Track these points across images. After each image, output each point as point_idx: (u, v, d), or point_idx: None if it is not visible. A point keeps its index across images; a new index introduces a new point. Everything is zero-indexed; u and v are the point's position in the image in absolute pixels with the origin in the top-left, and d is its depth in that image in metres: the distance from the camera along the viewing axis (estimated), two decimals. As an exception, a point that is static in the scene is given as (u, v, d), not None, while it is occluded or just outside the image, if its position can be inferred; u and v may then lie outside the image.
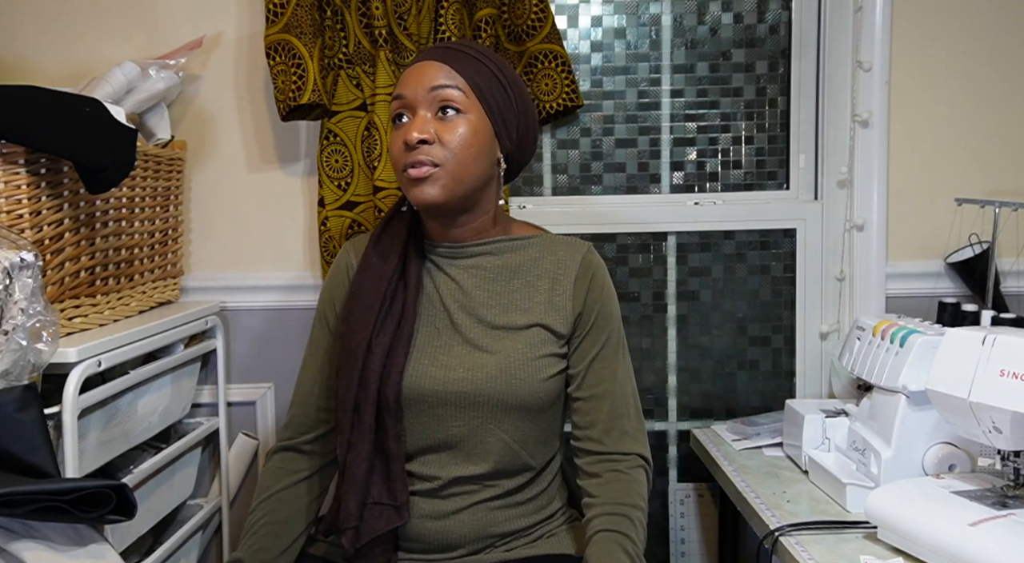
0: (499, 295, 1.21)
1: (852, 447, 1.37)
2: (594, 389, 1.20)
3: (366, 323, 1.19)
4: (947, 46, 1.72)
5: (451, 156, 1.13)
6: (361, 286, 1.22)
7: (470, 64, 1.16)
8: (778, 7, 1.79)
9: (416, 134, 1.11)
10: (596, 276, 1.23)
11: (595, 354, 1.21)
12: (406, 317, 1.20)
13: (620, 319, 1.25)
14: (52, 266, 1.26)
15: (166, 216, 1.60)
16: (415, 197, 1.15)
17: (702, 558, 1.85)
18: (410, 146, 1.12)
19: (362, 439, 1.18)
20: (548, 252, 1.24)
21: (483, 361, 1.18)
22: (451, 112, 1.14)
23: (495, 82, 1.17)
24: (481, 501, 1.20)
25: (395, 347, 1.18)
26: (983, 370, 1.08)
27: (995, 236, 1.59)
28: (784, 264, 1.82)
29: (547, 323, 1.20)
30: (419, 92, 1.14)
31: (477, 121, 1.15)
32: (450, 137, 1.13)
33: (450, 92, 1.14)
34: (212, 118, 1.71)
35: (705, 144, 1.82)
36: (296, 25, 1.55)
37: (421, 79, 1.15)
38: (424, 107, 1.14)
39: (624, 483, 1.17)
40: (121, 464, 1.41)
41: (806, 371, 1.82)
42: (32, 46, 1.68)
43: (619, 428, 1.19)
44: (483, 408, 1.18)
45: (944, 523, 1.08)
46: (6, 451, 1.04)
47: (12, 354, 1.08)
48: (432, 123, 1.14)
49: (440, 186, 1.13)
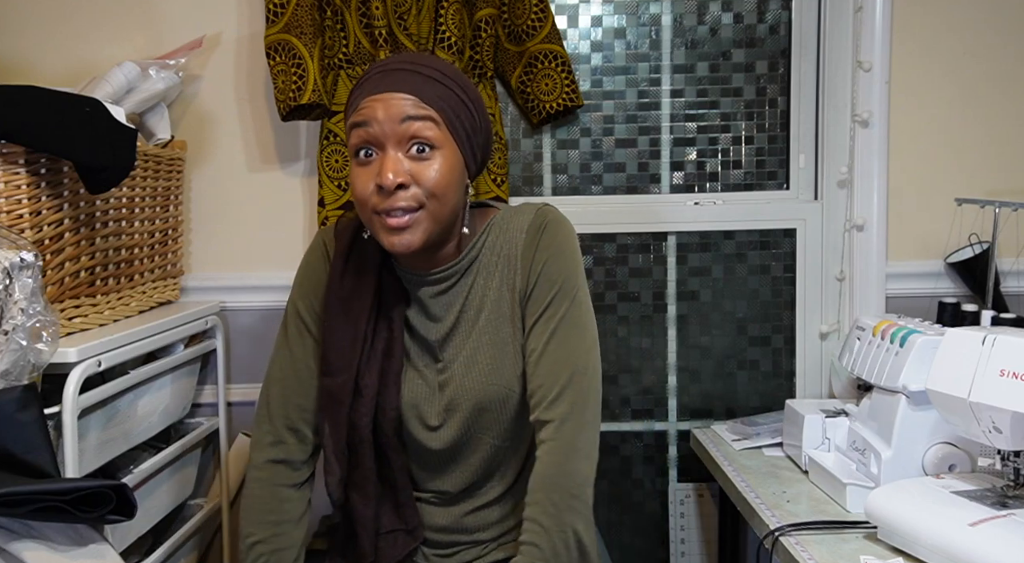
0: (471, 315, 1.16)
1: (852, 447, 1.37)
2: (531, 353, 1.12)
3: (349, 365, 1.13)
4: (947, 46, 1.72)
5: (430, 198, 1.04)
6: (336, 325, 1.15)
7: (438, 91, 1.06)
8: (778, 7, 1.79)
9: (392, 177, 1.02)
10: (542, 242, 1.13)
11: (536, 317, 1.12)
12: (393, 352, 1.15)
13: (573, 279, 1.13)
14: (52, 266, 1.26)
15: (166, 216, 1.60)
16: (392, 245, 1.05)
17: (702, 558, 1.85)
18: (386, 191, 1.03)
19: (366, 480, 1.15)
20: (503, 233, 1.16)
21: (469, 386, 1.14)
22: (426, 149, 1.04)
23: (463, 107, 1.08)
24: (492, 501, 1.21)
25: (385, 383, 1.14)
26: (983, 370, 1.08)
27: (995, 236, 1.59)
28: (784, 264, 1.82)
29: (513, 314, 1.14)
30: (388, 126, 1.03)
31: (451, 156, 1.06)
32: (427, 177, 1.04)
33: (422, 127, 1.04)
34: (212, 118, 1.71)
35: (705, 144, 1.82)
36: (296, 25, 1.55)
37: (389, 110, 1.03)
38: (394, 143, 1.04)
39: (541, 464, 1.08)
40: (121, 464, 1.41)
41: (806, 371, 1.82)
42: (32, 46, 1.68)
43: (540, 395, 1.10)
44: (473, 425, 1.16)
45: (944, 523, 1.08)
46: (6, 451, 1.04)
47: (12, 354, 1.08)
48: (405, 161, 1.04)
49: (421, 231, 1.05)
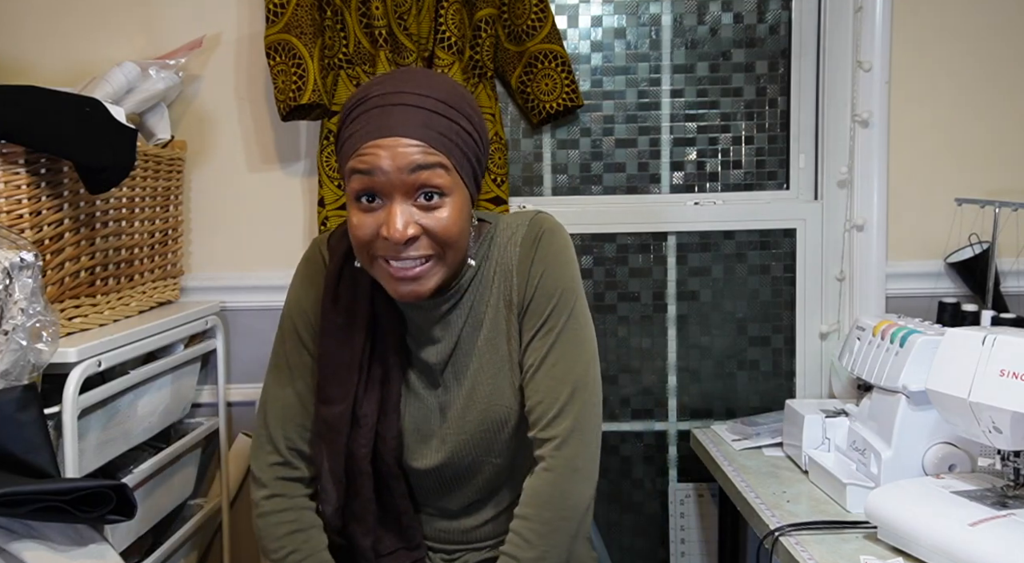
0: (469, 337, 1.12)
1: (852, 447, 1.37)
2: (529, 368, 1.09)
3: (346, 394, 1.10)
4: (947, 46, 1.72)
5: (444, 247, 1.00)
6: (332, 352, 1.11)
7: (444, 129, 0.98)
8: (778, 7, 1.79)
9: (401, 230, 0.96)
10: (537, 254, 1.10)
11: (534, 332, 1.09)
12: (391, 379, 1.11)
13: (571, 291, 1.10)
14: (52, 266, 1.26)
15: (166, 216, 1.60)
16: (400, 295, 1.01)
17: (702, 558, 1.85)
18: (394, 243, 0.97)
19: (365, 510, 1.13)
20: (496, 245, 1.12)
21: (467, 406, 1.12)
22: (435, 197, 0.98)
23: (469, 141, 1.02)
24: (494, 517, 1.21)
25: (384, 410, 1.11)
26: (983, 370, 1.08)
27: (995, 236, 1.59)
28: (784, 264, 1.82)
29: (510, 329, 1.11)
30: (394, 175, 0.96)
31: (460, 198, 1.01)
32: (439, 227, 0.98)
33: (432, 176, 0.97)
34: (212, 118, 1.71)
35: (705, 144, 1.82)
36: (296, 25, 1.55)
37: (395, 159, 0.96)
38: (401, 193, 0.97)
39: (538, 480, 1.07)
40: (121, 464, 1.41)
41: (806, 371, 1.82)
42: (32, 46, 1.68)
43: (539, 411, 1.08)
44: (475, 447, 1.14)
45: (944, 523, 1.08)
46: (6, 451, 1.04)
47: (12, 354, 1.08)
48: (415, 212, 0.98)
49: (434, 281, 1.01)
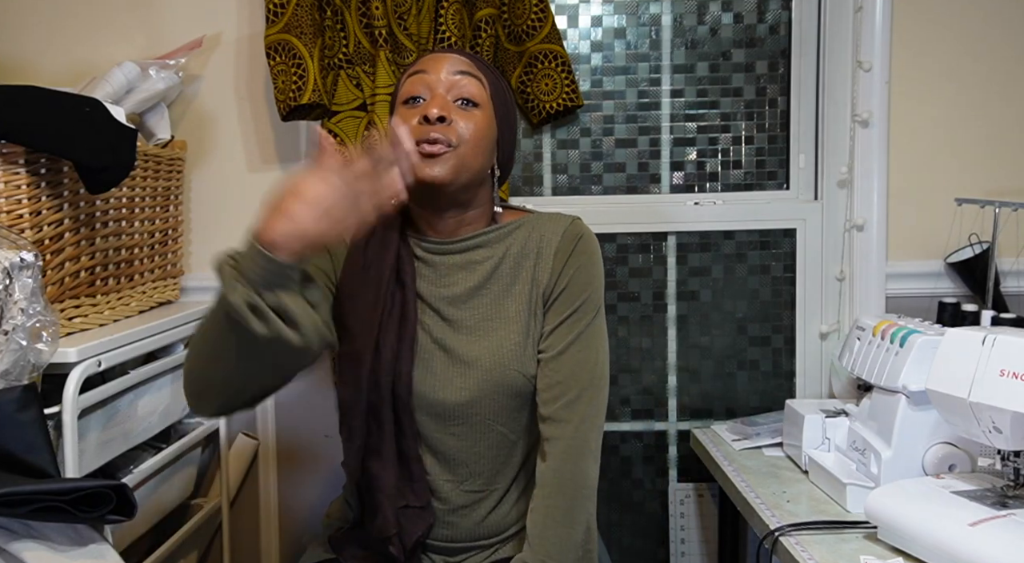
0: (487, 287, 1.21)
1: (852, 447, 1.37)
2: (550, 349, 1.18)
3: (370, 324, 1.17)
4: (947, 46, 1.72)
5: (464, 141, 1.14)
6: (356, 291, 1.20)
7: (488, 69, 1.21)
8: (778, 7, 1.79)
9: (437, 111, 1.13)
10: (577, 247, 1.21)
11: (563, 318, 1.19)
12: (407, 317, 1.19)
13: (599, 292, 1.22)
14: (52, 266, 1.26)
15: (166, 216, 1.60)
16: (423, 174, 1.13)
17: (702, 558, 1.85)
18: (429, 121, 1.13)
19: (384, 442, 1.18)
20: (535, 230, 1.23)
21: (477, 354, 1.17)
22: (470, 105, 1.17)
23: (504, 87, 1.23)
24: (496, 507, 1.21)
25: (402, 348, 1.18)
26: (983, 370, 1.08)
27: (995, 236, 1.59)
28: (784, 264, 1.82)
29: (532, 303, 1.20)
30: (443, 74, 1.17)
31: (488, 119, 1.18)
32: (466, 125, 1.15)
33: (472, 84, 1.17)
34: (212, 118, 1.70)
35: (705, 144, 1.82)
36: (296, 25, 1.55)
37: (446, 63, 1.18)
38: (444, 89, 1.16)
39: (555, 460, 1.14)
40: (121, 464, 1.41)
41: (806, 371, 1.82)
42: (32, 46, 1.68)
43: (558, 390, 1.16)
44: (480, 405, 1.18)
45: (944, 523, 1.08)
46: (6, 451, 1.04)
47: (12, 354, 1.08)
48: (452, 107, 1.16)
49: (449, 167, 1.14)
